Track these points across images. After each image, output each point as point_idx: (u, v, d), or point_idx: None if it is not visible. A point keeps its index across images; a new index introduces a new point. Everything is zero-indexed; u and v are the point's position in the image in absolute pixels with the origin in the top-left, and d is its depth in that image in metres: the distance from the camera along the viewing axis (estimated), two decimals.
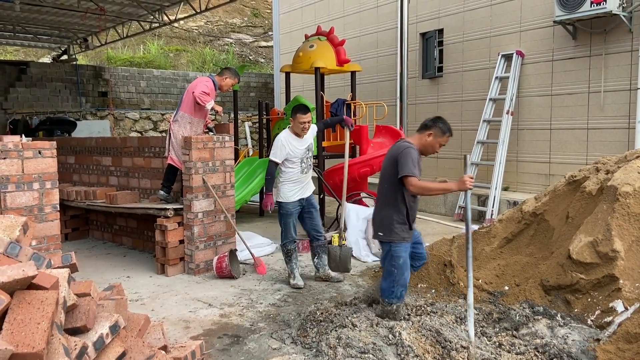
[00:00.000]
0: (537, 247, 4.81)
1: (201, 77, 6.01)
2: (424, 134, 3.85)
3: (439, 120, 3.87)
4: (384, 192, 3.90)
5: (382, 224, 3.89)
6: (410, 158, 3.67)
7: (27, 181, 4.28)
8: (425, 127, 3.85)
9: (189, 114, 5.80)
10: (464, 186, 3.50)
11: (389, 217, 3.83)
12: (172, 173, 5.92)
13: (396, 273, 3.83)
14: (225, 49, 21.80)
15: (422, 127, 3.89)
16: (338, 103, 8.25)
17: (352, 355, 3.43)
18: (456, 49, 9.67)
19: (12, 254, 2.20)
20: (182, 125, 5.78)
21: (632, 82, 7.20)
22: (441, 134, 3.83)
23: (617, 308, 3.74)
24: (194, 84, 5.83)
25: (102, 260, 6.38)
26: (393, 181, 3.79)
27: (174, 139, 5.78)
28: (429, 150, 3.87)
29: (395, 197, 3.81)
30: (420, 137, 3.86)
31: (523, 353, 3.41)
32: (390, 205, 3.84)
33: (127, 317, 2.64)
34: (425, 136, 3.84)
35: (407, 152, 3.70)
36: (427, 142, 3.83)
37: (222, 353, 3.64)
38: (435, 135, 3.82)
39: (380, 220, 3.90)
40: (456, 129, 9.65)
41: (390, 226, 3.83)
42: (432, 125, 3.83)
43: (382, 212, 3.90)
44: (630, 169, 4.31)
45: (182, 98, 5.90)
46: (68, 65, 14.84)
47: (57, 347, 1.88)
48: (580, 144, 7.93)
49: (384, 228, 3.87)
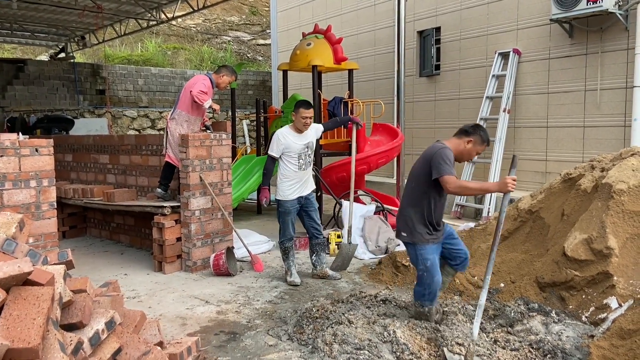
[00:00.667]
0: (533, 244, 4.83)
1: (198, 75, 6.02)
2: (462, 139, 3.70)
3: (480, 129, 3.74)
4: (410, 191, 3.79)
5: (405, 224, 3.78)
6: (446, 158, 3.55)
7: (24, 179, 4.28)
8: (466, 134, 3.70)
9: (186, 112, 5.82)
10: (506, 188, 3.36)
11: (411, 218, 3.73)
12: (169, 171, 5.93)
13: (426, 276, 3.74)
14: (223, 46, 21.78)
15: (461, 133, 3.74)
16: (335, 101, 8.26)
17: (348, 351, 3.44)
18: (453, 47, 9.69)
19: (8, 251, 2.21)
20: (180, 123, 5.80)
21: (628, 80, 7.22)
22: (480, 143, 3.70)
23: (611, 305, 3.77)
24: (191, 82, 5.83)
25: (100, 257, 6.39)
26: (422, 181, 3.68)
27: (171, 137, 5.79)
28: (464, 157, 3.73)
29: (421, 198, 3.70)
30: (459, 143, 3.71)
31: (518, 349, 3.43)
32: (414, 206, 3.73)
33: (123, 314, 2.65)
34: (464, 142, 3.69)
35: (442, 152, 3.57)
36: (466, 149, 3.68)
37: (218, 350, 3.66)
38: (475, 143, 3.68)
39: (404, 220, 3.79)
40: (453, 127, 9.68)
41: (412, 227, 3.73)
42: (473, 133, 3.69)
43: (405, 212, 3.78)
44: (624, 166, 4.33)
45: (179, 96, 5.91)
46: (66, 63, 14.81)
47: (53, 343, 1.89)
48: (577, 142, 7.95)
49: (407, 229, 3.76)
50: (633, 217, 4.04)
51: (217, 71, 6.06)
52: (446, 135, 10.05)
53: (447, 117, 9.82)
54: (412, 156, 10.05)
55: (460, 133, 3.75)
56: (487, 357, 3.32)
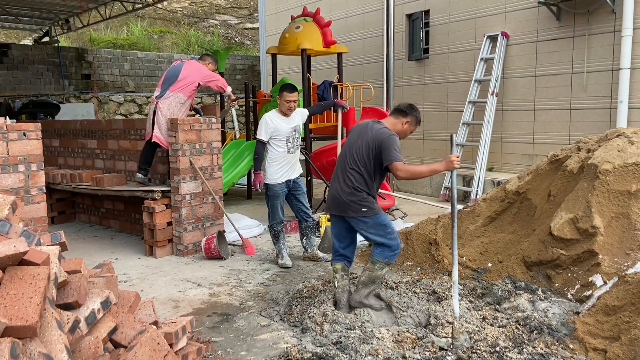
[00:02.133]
0: (520, 225, 4.91)
1: (192, 61, 5.90)
2: (400, 120, 3.80)
3: (415, 110, 3.84)
4: (355, 174, 3.74)
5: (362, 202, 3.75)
6: (396, 145, 3.64)
7: (13, 163, 4.26)
8: (403, 114, 3.80)
9: (186, 96, 5.75)
10: (451, 165, 3.48)
11: (366, 197, 3.75)
12: (150, 153, 5.87)
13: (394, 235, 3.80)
14: (210, 30, 21.55)
15: (398, 112, 3.83)
16: (325, 85, 8.25)
17: (339, 330, 3.50)
18: (442, 30, 9.69)
19: (2, 232, 2.22)
20: (174, 105, 5.72)
21: (615, 63, 7.29)
22: (415, 124, 3.83)
23: (597, 282, 3.86)
24: (194, 69, 5.76)
25: (90, 243, 6.38)
26: (369, 165, 3.71)
27: (162, 118, 5.68)
28: (401, 137, 3.82)
29: (371, 180, 3.75)
30: (396, 123, 3.80)
31: (505, 326, 3.51)
32: (363, 186, 3.73)
33: (117, 294, 2.67)
34: (401, 123, 3.80)
35: (392, 140, 3.65)
36: (402, 129, 3.80)
37: (211, 331, 3.70)
38: (411, 123, 3.81)
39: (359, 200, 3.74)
40: (442, 110, 9.77)
41: (371, 202, 3.76)
42: (410, 114, 3.80)
43: (356, 194, 3.73)
44: (610, 147, 4.40)
45: (170, 78, 5.77)
46: (50, 48, 14.58)
47: (50, 321, 1.91)
48: (563, 125, 8.04)
49: (367, 204, 3.74)
50: (618, 197, 4.12)
51: (201, 59, 6.00)
52: (438, 118, 10.08)
53: (436, 100, 9.85)
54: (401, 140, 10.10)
55: (397, 113, 3.84)
56: (476, 333, 3.39)
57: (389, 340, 3.36)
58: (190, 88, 5.74)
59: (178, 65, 5.82)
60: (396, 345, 3.32)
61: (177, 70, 5.79)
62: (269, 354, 3.31)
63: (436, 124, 9.79)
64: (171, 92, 5.73)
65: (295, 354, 3.21)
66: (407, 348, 3.29)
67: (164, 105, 5.70)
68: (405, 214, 7.14)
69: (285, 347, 3.36)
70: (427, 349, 3.26)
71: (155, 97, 5.78)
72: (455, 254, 3.45)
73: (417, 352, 3.22)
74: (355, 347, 3.26)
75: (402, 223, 6.59)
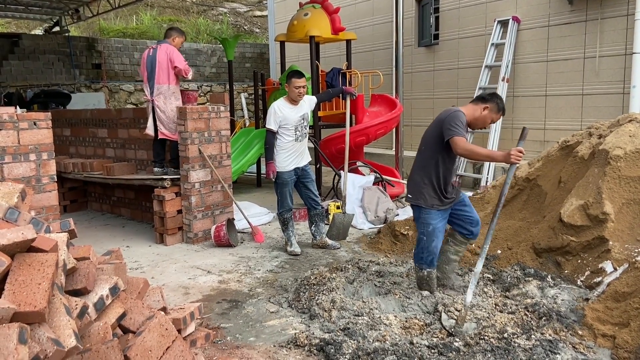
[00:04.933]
0: (530, 211, 4.88)
1: (161, 45, 5.79)
2: (479, 106, 3.67)
3: (497, 97, 3.70)
4: (421, 155, 3.78)
5: (412, 187, 3.79)
6: (458, 120, 3.52)
7: (24, 152, 4.30)
8: (483, 100, 3.68)
9: (174, 84, 5.76)
10: (509, 159, 3.31)
11: (419, 181, 3.74)
12: (160, 147, 5.93)
13: (425, 240, 3.77)
14: (219, 18, 21.50)
15: (478, 99, 3.72)
16: (334, 72, 8.21)
17: (346, 317, 3.52)
18: (452, 15, 9.58)
19: (11, 219, 2.25)
20: (168, 97, 5.74)
21: (628, 47, 7.17)
22: (497, 111, 3.66)
23: (607, 269, 3.83)
24: (163, 55, 5.70)
25: (101, 231, 6.45)
26: (432, 144, 3.67)
27: (162, 114, 5.71)
28: (479, 124, 3.69)
29: (430, 162, 3.69)
30: (475, 109, 3.66)
31: (514, 312, 3.51)
32: (423, 169, 3.72)
33: (126, 281, 2.71)
34: (480, 109, 3.65)
35: (454, 115, 3.55)
36: (481, 115, 3.65)
37: (221, 317, 3.74)
38: (491, 110, 3.64)
39: (413, 183, 3.79)
40: (452, 97, 9.67)
41: (419, 190, 3.73)
42: (490, 100, 3.65)
43: (414, 175, 3.79)
44: (622, 132, 4.34)
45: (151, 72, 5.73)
46: (60, 37, 14.66)
47: (59, 307, 1.94)
48: (575, 110, 7.94)
49: (413, 191, 3.77)
50: (629, 183, 4.07)
51: (167, 36, 5.93)
52: (445, 105, 10.02)
53: (446, 87, 9.77)
54: (410, 127, 10.04)
55: (477, 99, 3.73)
56: (485, 320, 3.39)
57: (396, 327, 3.37)
58: (171, 74, 5.73)
59: (152, 55, 5.75)
60: (404, 332, 3.33)
61: (151, 61, 5.74)
62: (278, 339, 3.34)
63: None
64: (157, 84, 5.72)
65: (304, 340, 3.24)
66: (415, 334, 3.30)
67: (159, 101, 5.71)
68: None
69: (294, 333, 3.38)
70: (434, 335, 3.27)
71: (149, 96, 5.80)
72: (485, 247, 3.40)
73: (424, 338, 3.23)
74: (362, 333, 3.28)
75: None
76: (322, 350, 3.10)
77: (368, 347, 3.07)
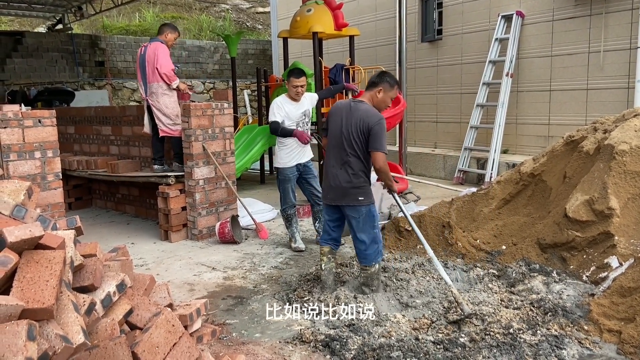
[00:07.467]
0: (535, 207, 4.87)
1: (152, 44, 5.77)
2: (373, 91, 3.75)
3: (385, 75, 3.80)
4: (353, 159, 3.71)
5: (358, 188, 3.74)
6: (384, 131, 3.61)
7: (29, 150, 4.32)
8: (374, 85, 3.76)
9: (161, 82, 5.74)
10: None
11: (364, 183, 3.76)
12: (159, 145, 5.96)
13: (377, 232, 3.82)
14: (221, 15, 21.49)
15: (370, 85, 3.79)
16: (337, 68, 8.20)
17: (351, 313, 3.52)
18: (455, 10, 9.54)
19: (19, 217, 2.26)
20: (160, 95, 5.74)
21: (632, 41, 7.13)
22: (390, 88, 3.75)
23: (612, 264, 3.82)
24: (151, 55, 5.70)
25: (106, 228, 6.47)
26: (363, 149, 3.68)
27: (158, 112, 5.75)
28: (382, 106, 3.77)
29: (367, 165, 3.74)
30: (372, 96, 3.76)
31: (519, 308, 3.51)
32: (362, 172, 3.74)
33: (132, 277, 2.72)
34: (375, 94, 3.75)
35: (382, 126, 3.60)
36: (379, 99, 3.74)
37: (226, 313, 3.75)
38: (385, 90, 3.73)
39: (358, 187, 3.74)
40: (455, 92, 9.66)
41: (367, 189, 3.78)
42: (380, 82, 3.74)
43: (357, 179, 3.72)
44: (627, 127, 4.32)
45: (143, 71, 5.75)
46: (64, 35, 14.67)
47: (67, 303, 1.95)
48: (580, 105, 7.91)
49: (362, 193, 3.74)
50: (635, 178, 4.05)
51: (161, 32, 5.93)
52: (450, 101, 10.00)
53: (450, 83, 9.74)
54: (414, 123, 10.03)
55: (370, 86, 3.80)
56: (491, 316, 3.39)
57: (404, 324, 3.37)
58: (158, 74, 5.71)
59: (143, 54, 5.78)
60: (409, 328, 3.33)
61: (143, 60, 5.77)
62: (283, 335, 3.35)
63: (450, 107, 9.70)
64: (149, 83, 5.75)
65: (309, 336, 3.24)
66: (422, 330, 3.30)
67: (152, 99, 5.75)
68: (418, 197, 7.12)
69: (299, 329, 3.39)
70: (440, 330, 3.27)
71: (144, 94, 5.83)
72: None
73: (430, 334, 3.23)
74: (368, 329, 3.29)
75: (415, 206, 6.57)
76: (328, 346, 3.11)
77: (374, 343, 3.08)
